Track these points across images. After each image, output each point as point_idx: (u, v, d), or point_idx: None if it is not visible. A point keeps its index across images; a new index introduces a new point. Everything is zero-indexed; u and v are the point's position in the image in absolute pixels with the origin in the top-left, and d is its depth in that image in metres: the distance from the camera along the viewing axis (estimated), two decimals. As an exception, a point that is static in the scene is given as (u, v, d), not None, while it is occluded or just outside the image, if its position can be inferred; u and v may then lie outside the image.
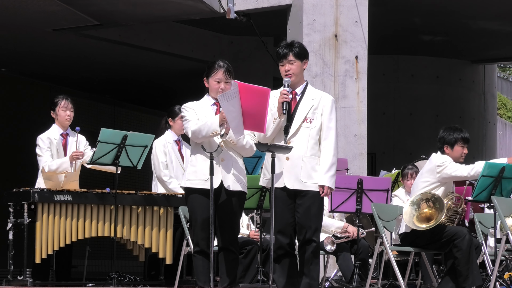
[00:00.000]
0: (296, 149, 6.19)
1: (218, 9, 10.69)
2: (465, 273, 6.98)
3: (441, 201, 7.05)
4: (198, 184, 6.16)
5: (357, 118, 10.22)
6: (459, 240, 6.99)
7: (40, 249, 7.70)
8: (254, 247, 7.56)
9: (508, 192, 7.50)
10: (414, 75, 15.17)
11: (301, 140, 6.22)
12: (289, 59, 6.28)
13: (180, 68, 14.04)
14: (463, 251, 6.97)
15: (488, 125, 15.93)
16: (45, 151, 8.16)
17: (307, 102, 6.28)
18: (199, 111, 6.23)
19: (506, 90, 26.46)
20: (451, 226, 7.15)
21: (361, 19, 10.27)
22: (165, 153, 8.54)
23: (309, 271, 6.23)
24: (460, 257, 6.99)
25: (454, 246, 7.00)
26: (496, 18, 13.00)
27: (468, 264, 6.97)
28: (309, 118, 6.23)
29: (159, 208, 8.11)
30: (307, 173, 6.20)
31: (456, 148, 7.28)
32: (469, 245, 6.97)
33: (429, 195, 7.06)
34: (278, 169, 6.18)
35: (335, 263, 8.51)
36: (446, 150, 7.27)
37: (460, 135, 7.29)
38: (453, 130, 7.30)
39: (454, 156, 7.28)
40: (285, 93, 6.17)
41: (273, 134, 6.24)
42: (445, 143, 7.26)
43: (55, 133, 8.26)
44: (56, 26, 11.49)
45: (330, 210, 7.78)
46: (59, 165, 8.09)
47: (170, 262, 8.14)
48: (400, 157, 7.59)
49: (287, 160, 6.20)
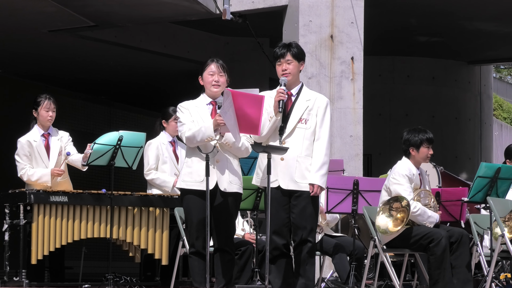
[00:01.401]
0: (291, 150, 6.20)
1: (214, 10, 10.69)
2: (436, 277, 6.97)
3: (402, 199, 7.04)
4: (194, 185, 6.17)
5: (353, 119, 10.22)
6: (433, 244, 7.00)
7: (36, 250, 7.70)
8: (249, 247, 7.56)
9: (504, 193, 7.51)
10: (410, 76, 15.18)
11: (296, 141, 6.23)
12: (286, 59, 6.31)
13: (176, 69, 14.04)
14: (437, 256, 6.97)
15: (484, 126, 15.94)
16: (23, 157, 8.05)
17: (302, 103, 6.29)
18: (194, 112, 6.23)
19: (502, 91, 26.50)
20: (428, 228, 7.13)
21: (357, 20, 10.28)
22: (158, 156, 8.54)
23: (304, 271, 6.24)
24: (432, 262, 7.00)
25: (428, 250, 7.03)
26: (492, 19, 13.02)
27: (439, 269, 6.96)
28: (304, 119, 6.25)
29: (155, 209, 8.11)
30: (301, 173, 6.22)
31: (421, 149, 7.29)
32: (443, 250, 6.97)
33: (390, 200, 7.07)
34: (274, 169, 6.18)
35: (331, 264, 8.51)
36: (412, 152, 7.29)
37: (425, 136, 7.31)
38: (417, 131, 7.33)
39: (420, 157, 7.31)
40: (282, 92, 6.20)
41: (268, 133, 6.26)
42: (411, 145, 7.29)
43: (36, 135, 8.14)
44: (52, 27, 11.48)
45: (326, 211, 7.78)
46: (39, 177, 8.00)
47: (166, 263, 8.14)
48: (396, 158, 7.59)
49: (281, 160, 6.21)
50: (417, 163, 7.33)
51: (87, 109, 15.64)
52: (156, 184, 8.50)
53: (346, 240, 7.97)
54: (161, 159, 8.55)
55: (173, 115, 8.47)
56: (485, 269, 7.69)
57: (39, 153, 8.09)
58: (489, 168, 7.34)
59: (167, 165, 8.55)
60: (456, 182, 9.98)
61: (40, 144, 8.11)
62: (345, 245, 7.87)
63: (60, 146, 8.19)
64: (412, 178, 7.21)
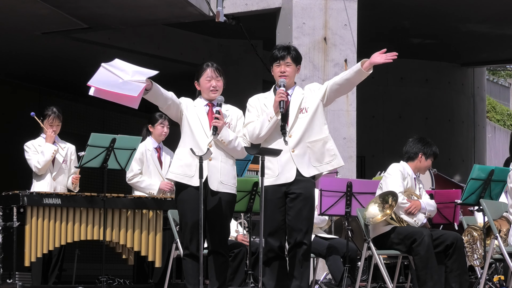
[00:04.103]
0: (299, 139, 6.25)
1: (208, 12, 10.69)
2: (423, 278, 6.98)
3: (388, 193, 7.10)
4: (184, 179, 6.16)
5: (347, 121, 10.23)
6: (416, 244, 7.03)
7: (29, 253, 7.69)
8: (242, 249, 7.56)
9: (497, 195, 7.52)
10: (404, 78, 15.20)
11: (301, 129, 6.27)
12: (286, 61, 6.36)
13: (169, 71, 14.01)
14: (421, 255, 7.00)
15: (477, 128, 15.97)
16: (32, 153, 8.33)
17: (298, 96, 6.37)
18: (191, 109, 6.27)
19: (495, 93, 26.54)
20: (411, 228, 7.16)
21: (350, 22, 10.29)
22: (142, 162, 8.55)
23: (299, 274, 6.24)
24: (417, 262, 7.02)
25: (412, 250, 7.05)
26: (486, 21, 13.04)
27: (426, 269, 6.98)
28: (304, 108, 6.31)
29: (148, 211, 8.11)
30: (316, 158, 6.27)
31: (428, 160, 7.44)
32: (427, 250, 6.99)
33: (378, 199, 7.13)
34: (287, 164, 6.21)
35: (324, 266, 8.51)
36: (419, 158, 7.41)
37: (436, 150, 7.49)
38: (430, 143, 7.48)
39: (423, 166, 7.43)
40: (282, 92, 6.24)
41: (267, 133, 6.28)
42: (421, 152, 7.41)
43: (41, 142, 8.42)
44: (45, 29, 11.47)
45: (320, 213, 7.78)
46: (45, 153, 8.26)
47: (160, 265, 8.14)
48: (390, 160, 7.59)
49: (293, 152, 6.23)
50: (416, 169, 7.44)
51: (80, 111, 15.62)
52: (140, 188, 8.50)
53: (339, 242, 7.98)
54: (145, 165, 8.56)
55: (160, 120, 8.56)
56: (479, 271, 7.70)
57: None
58: (482, 170, 7.35)
59: (151, 172, 8.56)
60: (450, 185, 10.00)
61: None
62: (339, 247, 7.88)
63: (65, 154, 8.45)
64: (405, 177, 7.29)
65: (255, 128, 6.28)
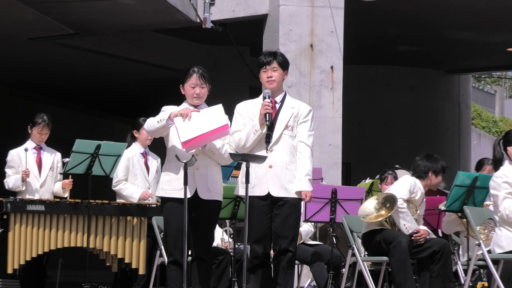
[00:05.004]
0: (279, 157, 6.23)
1: (195, 19, 10.70)
2: (398, 280, 7.03)
3: (390, 198, 7.12)
4: (173, 193, 6.16)
5: (332, 128, 10.24)
6: (392, 246, 7.07)
7: (12, 260, 7.65)
8: (226, 256, 7.55)
9: (481, 202, 7.54)
10: (389, 85, 15.24)
11: (283, 148, 6.26)
12: (272, 66, 6.34)
13: (156, 77, 14.02)
14: (396, 258, 7.03)
15: (462, 135, 16.03)
16: (12, 173, 8.27)
17: (288, 110, 6.33)
18: None
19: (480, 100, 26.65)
20: (391, 231, 7.19)
21: (336, 29, 10.31)
22: (128, 168, 8.53)
23: (283, 281, 6.23)
24: (393, 264, 7.07)
25: (389, 252, 7.09)
26: (471, 29, 13.10)
27: (401, 272, 7.02)
28: (290, 126, 6.29)
29: (132, 218, 8.09)
30: (290, 180, 6.23)
31: (439, 176, 7.47)
32: (403, 252, 7.02)
33: (380, 201, 7.16)
34: (262, 177, 6.20)
35: (309, 272, 8.52)
36: (430, 177, 7.42)
37: (444, 164, 7.52)
38: (437, 160, 7.50)
39: (435, 183, 7.46)
40: (267, 105, 6.21)
41: (252, 145, 6.27)
42: (431, 170, 7.42)
43: (28, 145, 8.35)
44: (32, 35, 11.44)
45: (305, 220, 7.79)
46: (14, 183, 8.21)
47: (143, 272, 8.12)
48: (375, 167, 7.61)
49: (270, 168, 6.22)
50: (427, 186, 7.46)
51: (68, 117, 15.58)
52: (123, 195, 8.50)
53: (324, 248, 7.99)
54: (131, 171, 8.54)
55: (144, 124, 8.51)
56: (462, 278, 7.72)
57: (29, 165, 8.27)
58: (466, 177, 7.37)
59: (137, 177, 8.55)
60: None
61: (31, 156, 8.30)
62: (323, 254, 7.88)
63: (52, 161, 8.41)
64: (415, 191, 7.31)
65: (240, 139, 6.28)
